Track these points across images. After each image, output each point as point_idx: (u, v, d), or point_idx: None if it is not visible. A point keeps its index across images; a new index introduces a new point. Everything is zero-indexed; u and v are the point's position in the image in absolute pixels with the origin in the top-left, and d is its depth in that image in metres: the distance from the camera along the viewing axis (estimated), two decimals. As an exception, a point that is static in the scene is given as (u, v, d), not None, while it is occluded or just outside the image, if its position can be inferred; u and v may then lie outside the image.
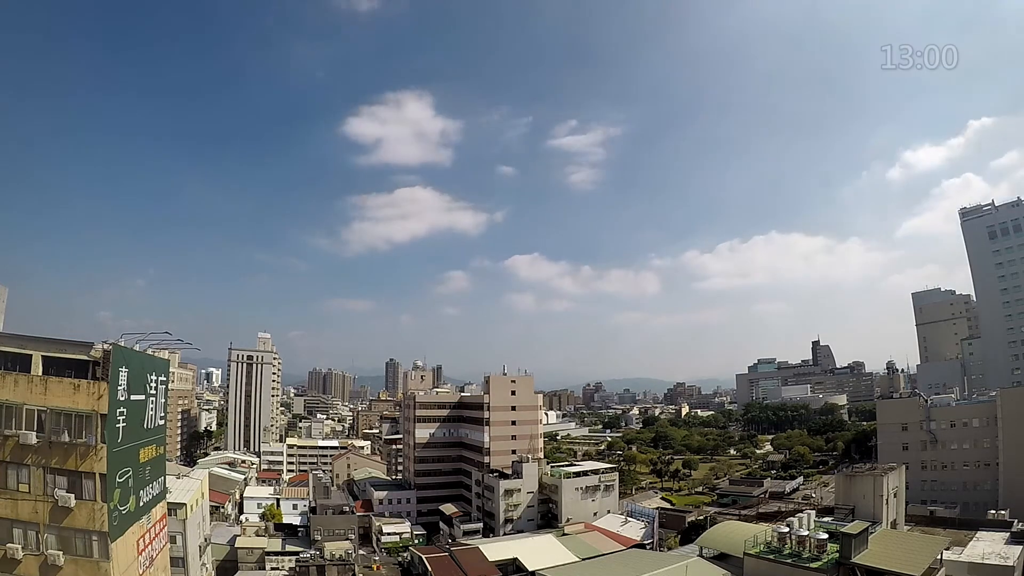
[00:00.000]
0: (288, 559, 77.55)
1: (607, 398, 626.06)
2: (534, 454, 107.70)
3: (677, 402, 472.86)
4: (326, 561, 72.60)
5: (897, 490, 63.89)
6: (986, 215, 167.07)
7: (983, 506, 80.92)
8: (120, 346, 37.65)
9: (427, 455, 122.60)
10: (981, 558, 53.42)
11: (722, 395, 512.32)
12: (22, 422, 33.86)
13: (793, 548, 49.81)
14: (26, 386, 34.19)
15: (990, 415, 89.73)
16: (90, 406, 34.67)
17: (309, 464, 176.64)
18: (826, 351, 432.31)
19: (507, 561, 74.94)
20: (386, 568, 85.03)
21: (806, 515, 57.75)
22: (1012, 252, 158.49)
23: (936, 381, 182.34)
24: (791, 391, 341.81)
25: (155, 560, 42.79)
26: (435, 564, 72.62)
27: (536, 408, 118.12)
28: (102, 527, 34.69)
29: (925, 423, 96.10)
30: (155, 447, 44.03)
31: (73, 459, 34.42)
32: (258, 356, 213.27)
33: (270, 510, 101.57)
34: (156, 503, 44.45)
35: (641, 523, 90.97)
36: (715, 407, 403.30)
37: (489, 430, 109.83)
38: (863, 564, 46.11)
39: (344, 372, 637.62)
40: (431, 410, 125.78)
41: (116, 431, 36.24)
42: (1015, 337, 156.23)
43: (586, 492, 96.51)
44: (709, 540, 62.14)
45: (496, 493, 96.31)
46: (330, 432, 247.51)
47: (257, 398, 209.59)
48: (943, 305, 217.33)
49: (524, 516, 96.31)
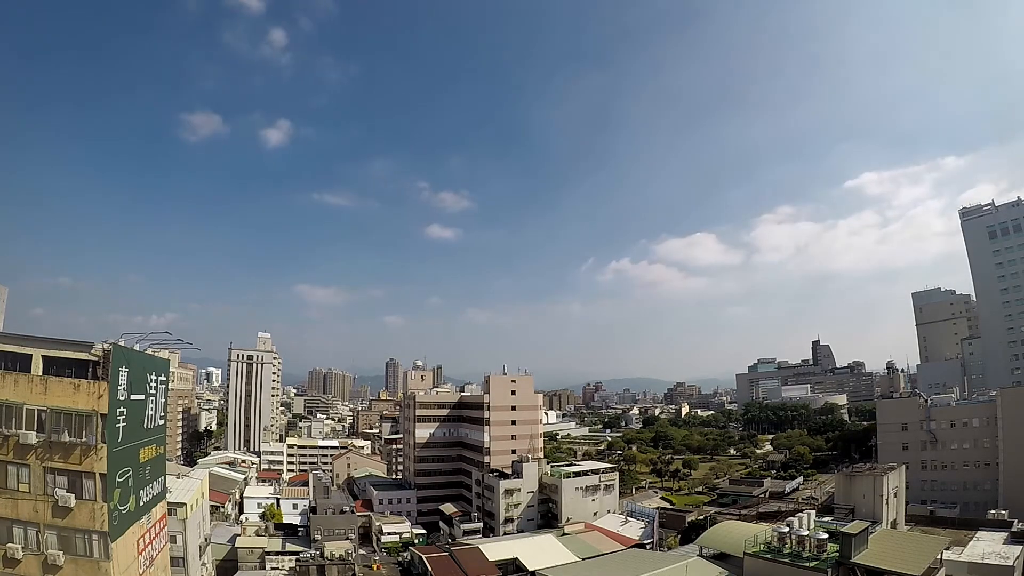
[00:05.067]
0: (288, 559, 77.56)
1: (607, 398, 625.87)
2: (534, 454, 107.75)
3: (677, 402, 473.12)
4: (326, 561, 72.69)
5: (897, 490, 63.95)
6: (986, 215, 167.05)
7: (983, 506, 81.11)
8: (120, 346, 37.62)
9: (427, 455, 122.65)
10: (981, 558, 53.47)
11: (722, 395, 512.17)
12: (22, 422, 33.81)
13: (793, 548, 49.79)
14: (26, 386, 34.13)
15: (990, 415, 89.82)
16: (90, 406, 34.65)
17: (309, 464, 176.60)
18: (826, 351, 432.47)
19: (507, 561, 75.00)
20: (386, 568, 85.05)
21: (806, 515, 57.78)
22: (1012, 252, 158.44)
23: (936, 381, 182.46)
24: (791, 391, 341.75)
25: (155, 560, 42.78)
26: (435, 564, 72.63)
27: (536, 408, 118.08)
28: (102, 527, 34.67)
29: (925, 423, 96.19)
30: (155, 447, 44.01)
31: (73, 459, 34.39)
32: (258, 356, 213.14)
33: (270, 510, 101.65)
34: (156, 503, 44.41)
35: (641, 523, 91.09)
36: (715, 407, 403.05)
37: (489, 430, 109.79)
38: (863, 564, 46.12)
39: (344, 372, 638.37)
40: (431, 410, 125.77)
41: (116, 431, 36.23)
42: (1015, 337, 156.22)
43: (586, 492, 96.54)
44: (709, 540, 62.12)
45: (496, 493, 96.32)
46: (330, 432, 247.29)
47: (257, 398, 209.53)
48: (943, 305, 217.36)
49: (524, 516, 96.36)
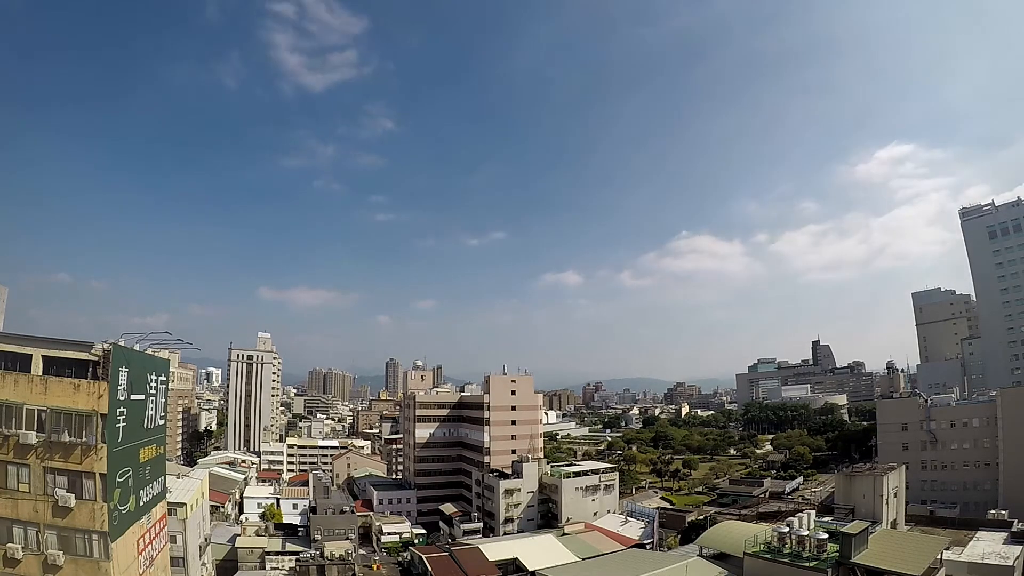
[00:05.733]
0: (288, 559, 77.56)
1: (607, 398, 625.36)
2: (534, 454, 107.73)
3: (677, 402, 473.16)
4: (326, 561, 72.73)
5: (897, 490, 63.95)
6: (986, 215, 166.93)
7: (983, 506, 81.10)
8: (120, 346, 37.59)
9: (427, 455, 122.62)
10: (981, 558, 53.49)
11: (722, 395, 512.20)
12: (22, 422, 33.78)
13: (793, 548, 49.77)
14: (26, 386, 34.11)
15: (990, 415, 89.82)
16: (90, 406, 34.63)
17: (309, 464, 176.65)
18: (826, 351, 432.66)
19: (507, 561, 74.97)
20: (386, 568, 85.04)
21: (806, 515, 57.80)
22: (1012, 252, 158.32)
23: (936, 381, 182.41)
24: (791, 391, 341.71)
25: (155, 560, 42.77)
26: (435, 564, 72.61)
27: (536, 408, 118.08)
28: (102, 527, 34.65)
29: (925, 423, 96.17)
30: (155, 447, 43.99)
31: (73, 459, 34.36)
32: (258, 356, 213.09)
33: (270, 510, 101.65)
34: (156, 503, 44.40)
35: (641, 523, 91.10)
36: (715, 407, 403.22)
37: (489, 430, 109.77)
38: (863, 564, 46.12)
39: (344, 372, 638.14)
40: (431, 410, 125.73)
41: (116, 431, 36.22)
42: (1015, 337, 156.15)
43: (586, 492, 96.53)
44: (709, 540, 62.11)
45: (496, 493, 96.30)
46: (330, 432, 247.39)
47: (257, 398, 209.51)
48: (943, 305, 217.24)
49: (524, 516, 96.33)
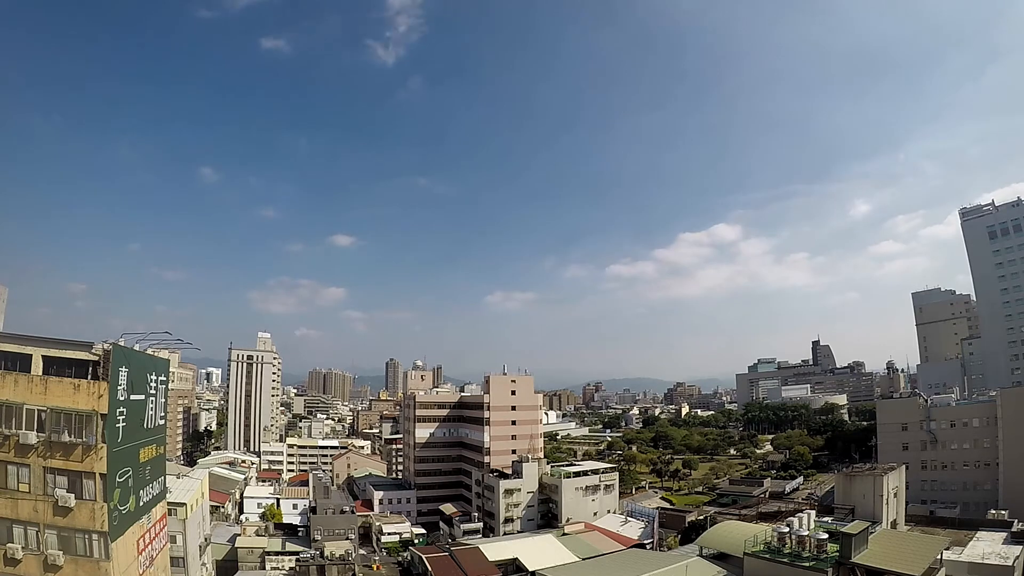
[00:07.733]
0: (288, 559, 77.58)
1: (607, 398, 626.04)
2: (534, 454, 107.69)
3: (677, 402, 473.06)
4: (326, 561, 72.79)
5: (897, 490, 63.91)
6: (986, 215, 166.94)
7: (983, 506, 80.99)
8: (120, 346, 37.62)
9: (427, 455, 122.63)
10: (981, 558, 53.43)
11: (722, 395, 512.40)
12: (22, 422, 33.82)
13: (793, 548, 49.70)
14: (26, 386, 34.13)
15: (990, 415, 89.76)
16: (90, 406, 34.65)
17: (309, 464, 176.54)
18: (826, 351, 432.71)
19: (507, 561, 74.91)
20: (386, 568, 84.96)
21: (806, 515, 57.73)
22: (1012, 252, 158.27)
23: (936, 381, 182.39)
24: (791, 391, 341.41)
25: (155, 560, 42.78)
26: (435, 564, 72.56)
27: (536, 408, 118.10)
28: (102, 527, 34.67)
29: (925, 423, 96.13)
30: (155, 447, 44.01)
31: (73, 459, 34.39)
32: (258, 356, 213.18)
33: (270, 510, 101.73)
34: (156, 503, 44.43)
35: (641, 523, 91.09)
36: (715, 407, 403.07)
37: (489, 430, 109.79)
38: (863, 564, 46.09)
39: (344, 372, 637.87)
40: (431, 410, 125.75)
41: (116, 431, 36.24)
42: (1015, 337, 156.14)
43: (586, 492, 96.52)
44: (709, 540, 62.07)
45: (496, 493, 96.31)
46: (330, 432, 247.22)
47: (257, 398, 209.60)
48: (943, 305, 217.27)
49: (524, 516, 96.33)
